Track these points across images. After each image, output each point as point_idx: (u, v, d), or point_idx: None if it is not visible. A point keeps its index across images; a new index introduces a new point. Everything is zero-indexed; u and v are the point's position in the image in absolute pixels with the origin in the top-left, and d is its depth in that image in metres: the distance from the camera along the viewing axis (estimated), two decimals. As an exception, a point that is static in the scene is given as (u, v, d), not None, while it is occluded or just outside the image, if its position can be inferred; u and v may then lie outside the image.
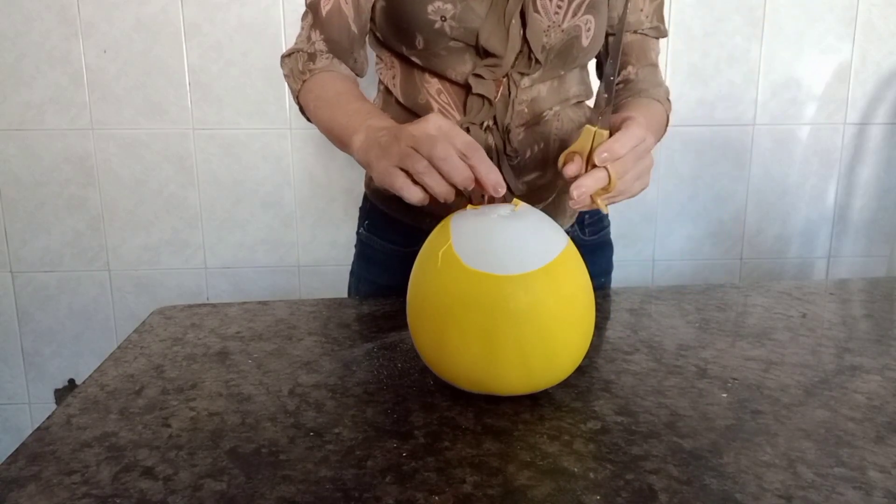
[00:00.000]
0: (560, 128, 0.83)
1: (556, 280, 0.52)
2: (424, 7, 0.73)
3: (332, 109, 0.73)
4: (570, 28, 0.77)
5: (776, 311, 0.78)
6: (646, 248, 1.69)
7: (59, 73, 1.49)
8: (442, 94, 0.80)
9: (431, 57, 0.77)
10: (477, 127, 0.78)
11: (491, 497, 0.43)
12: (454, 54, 0.76)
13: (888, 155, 1.67)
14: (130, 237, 1.59)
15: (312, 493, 0.43)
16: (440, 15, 0.73)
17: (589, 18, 0.77)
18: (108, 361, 0.66)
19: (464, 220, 0.55)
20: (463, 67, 0.77)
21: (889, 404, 0.55)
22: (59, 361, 1.65)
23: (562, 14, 0.76)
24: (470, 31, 0.74)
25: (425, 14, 0.74)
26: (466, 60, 0.77)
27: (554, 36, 0.76)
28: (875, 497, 0.42)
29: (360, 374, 0.62)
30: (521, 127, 0.80)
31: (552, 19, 0.76)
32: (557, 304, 0.52)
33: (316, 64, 0.79)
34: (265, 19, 1.49)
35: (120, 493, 0.44)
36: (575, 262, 0.55)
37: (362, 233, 0.95)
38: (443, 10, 0.73)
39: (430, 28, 0.74)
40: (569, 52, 0.79)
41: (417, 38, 0.76)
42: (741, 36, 1.57)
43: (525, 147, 0.81)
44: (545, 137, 0.82)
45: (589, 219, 0.92)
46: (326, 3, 0.79)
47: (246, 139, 1.56)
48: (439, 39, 0.75)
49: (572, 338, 0.54)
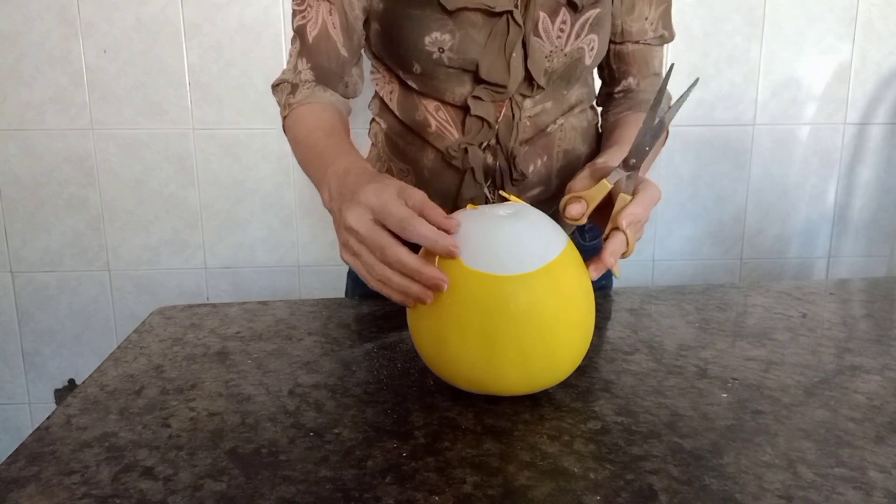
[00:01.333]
0: (563, 138, 0.82)
1: (556, 280, 0.52)
2: (422, 38, 0.71)
3: (304, 152, 0.72)
4: (573, 51, 0.75)
5: (776, 311, 0.78)
6: (646, 248, 1.69)
7: (59, 73, 1.49)
8: (440, 111, 0.78)
9: (429, 80, 0.75)
10: (476, 147, 0.77)
11: (491, 497, 0.43)
12: (453, 78, 0.74)
13: (888, 155, 1.67)
14: (130, 237, 1.59)
15: (312, 494, 0.43)
16: (438, 46, 0.71)
17: (593, 38, 0.76)
18: (108, 361, 0.66)
19: (463, 219, 0.55)
20: (462, 89, 0.75)
21: (889, 404, 0.55)
22: (59, 361, 1.65)
23: (564, 37, 0.74)
24: (469, 61, 0.72)
25: (423, 45, 0.72)
26: (466, 82, 0.75)
27: (557, 60, 0.75)
28: (875, 497, 0.42)
29: (360, 374, 0.62)
30: (524, 143, 0.79)
31: (555, 44, 0.74)
32: (557, 304, 0.52)
33: (296, 97, 0.77)
34: (265, 19, 1.49)
35: (120, 494, 0.44)
36: (575, 261, 0.55)
37: None
38: (441, 41, 0.71)
39: (428, 58, 0.72)
40: (572, 73, 0.78)
41: (415, 66, 0.74)
42: (741, 36, 1.57)
43: (528, 162, 0.80)
44: (548, 150, 0.81)
45: (588, 224, 0.92)
46: (313, 27, 0.76)
47: (246, 139, 1.56)
48: (437, 68, 0.73)
49: (572, 337, 0.53)
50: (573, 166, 0.83)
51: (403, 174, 0.82)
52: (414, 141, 0.81)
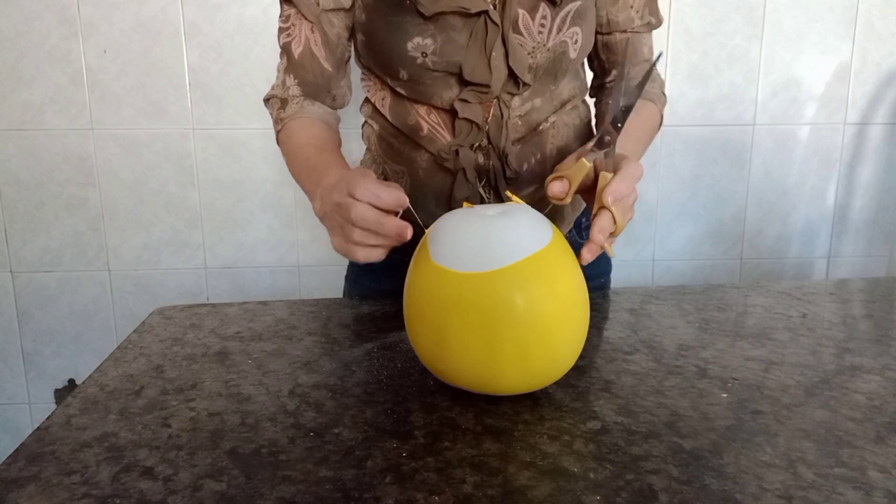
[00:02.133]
0: (556, 135, 0.82)
1: (545, 272, 0.51)
2: (404, 44, 0.72)
3: (296, 167, 0.76)
4: (556, 45, 0.75)
5: (776, 311, 0.78)
6: (646, 248, 1.69)
7: (59, 73, 1.49)
8: (432, 114, 0.79)
9: (416, 85, 0.76)
10: (467, 149, 0.77)
11: (491, 497, 0.43)
12: (439, 82, 0.75)
13: (888, 155, 1.67)
14: (130, 237, 1.59)
15: (312, 493, 0.43)
16: (421, 51, 0.72)
17: (575, 31, 0.75)
18: (108, 361, 0.66)
19: (441, 225, 0.55)
20: (449, 93, 0.76)
21: (889, 404, 0.55)
22: (59, 361, 1.65)
23: (546, 32, 0.74)
24: (453, 63, 0.73)
25: (406, 51, 0.73)
26: (452, 85, 0.75)
27: (540, 56, 0.75)
28: (875, 497, 0.42)
29: (360, 374, 0.62)
30: (517, 143, 0.79)
31: (536, 39, 0.74)
32: (550, 296, 0.51)
33: (286, 111, 0.80)
34: (265, 19, 1.49)
35: (120, 494, 0.44)
36: (565, 253, 0.54)
37: None
38: (423, 45, 0.72)
39: (413, 64, 0.73)
40: (557, 66, 0.77)
41: (401, 73, 0.75)
42: (741, 36, 1.57)
43: (521, 161, 0.80)
44: (541, 149, 0.81)
45: (586, 222, 0.92)
46: (297, 45, 0.79)
47: (246, 139, 1.56)
48: (423, 73, 0.74)
49: (568, 331, 0.53)
50: None
51: (398, 175, 0.83)
52: (407, 143, 0.81)
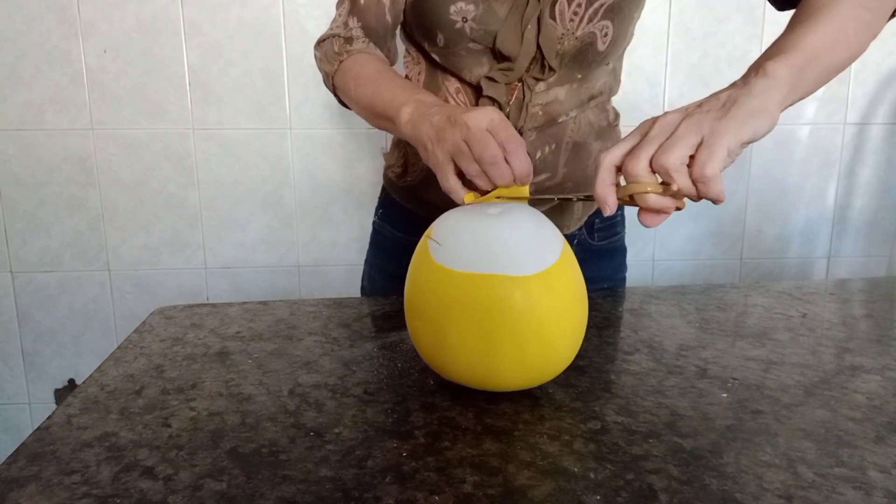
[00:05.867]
0: (576, 130, 0.83)
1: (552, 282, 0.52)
2: (447, 7, 0.75)
3: (375, 85, 0.73)
4: (584, 35, 0.76)
5: (776, 311, 0.78)
6: (646, 248, 1.69)
7: (59, 73, 1.49)
8: (460, 93, 0.81)
9: (450, 56, 0.78)
10: None
11: (491, 497, 0.43)
12: (472, 55, 0.77)
13: (888, 155, 1.67)
14: (130, 237, 1.59)
15: (312, 493, 0.43)
16: (462, 16, 0.75)
17: (606, 24, 0.76)
18: (108, 361, 0.66)
19: (443, 222, 0.55)
20: (479, 69, 0.78)
21: (889, 404, 0.55)
22: (59, 361, 1.65)
23: (577, 20, 0.75)
24: (489, 33, 0.75)
25: (447, 14, 0.75)
26: (483, 63, 0.78)
27: (567, 43, 0.76)
28: (875, 497, 0.42)
29: (360, 374, 0.62)
30: (533, 130, 0.81)
31: (567, 27, 0.75)
32: (547, 296, 0.51)
33: (353, 46, 0.79)
34: (265, 19, 1.49)
35: (120, 493, 0.44)
36: (570, 262, 0.55)
37: (376, 221, 0.97)
38: (465, 10, 0.74)
39: (452, 28, 0.75)
40: (584, 56, 0.78)
41: (439, 37, 0.77)
42: (741, 36, 1.57)
43: (536, 149, 0.81)
44: (558, 140, 0.82)
45: (599, 223, 0.92)
46: None
47: (246, 139, 1.56)
48: (459, 40, 0.76)
49: (567, 333, 0.53)
50: (582, 159, 0.84)
51: (418, 155, 0.84)
52: None
